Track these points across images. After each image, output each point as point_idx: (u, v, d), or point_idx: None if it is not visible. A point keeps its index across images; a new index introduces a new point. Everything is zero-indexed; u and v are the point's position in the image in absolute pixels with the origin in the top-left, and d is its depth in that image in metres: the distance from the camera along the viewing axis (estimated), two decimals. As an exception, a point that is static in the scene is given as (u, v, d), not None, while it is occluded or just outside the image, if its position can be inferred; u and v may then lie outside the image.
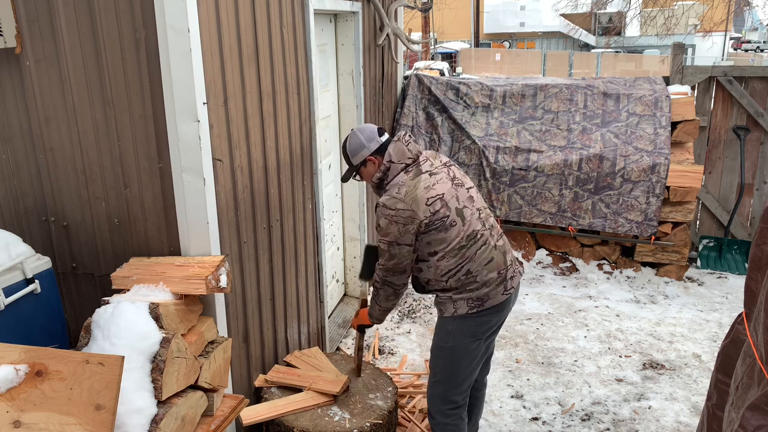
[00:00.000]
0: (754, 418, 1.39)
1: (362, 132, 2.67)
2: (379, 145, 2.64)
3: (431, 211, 2.47)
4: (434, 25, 23.24)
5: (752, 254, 1.58)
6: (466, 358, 2.65)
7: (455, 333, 2.61)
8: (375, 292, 2.74)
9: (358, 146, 2.65)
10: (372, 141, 2.64)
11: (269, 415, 2.82)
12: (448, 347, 2.63)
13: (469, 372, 2.68)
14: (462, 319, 2.58)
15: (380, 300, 2.74)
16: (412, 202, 2.47)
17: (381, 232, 2.53)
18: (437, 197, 2.50)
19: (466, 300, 2.55)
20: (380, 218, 2.52)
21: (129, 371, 1.93)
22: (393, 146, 2.61)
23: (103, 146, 2.42)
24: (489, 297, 2.56)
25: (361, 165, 2.67)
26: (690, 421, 3.48)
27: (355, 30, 4.31)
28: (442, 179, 2.57)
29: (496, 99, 5.69)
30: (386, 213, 2.49)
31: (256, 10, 2.76)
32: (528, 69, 20.97)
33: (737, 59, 25.16)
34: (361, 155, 2.65)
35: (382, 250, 2.57)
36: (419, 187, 2.50)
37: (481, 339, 2.64)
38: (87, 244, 2.56)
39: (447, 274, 2.54)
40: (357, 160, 2.67)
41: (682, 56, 5.60)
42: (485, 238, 2.58)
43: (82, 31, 2.30)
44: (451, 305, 2.58)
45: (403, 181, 2.54)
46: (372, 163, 2.65)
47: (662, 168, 5.08)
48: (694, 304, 5.01)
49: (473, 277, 2.53)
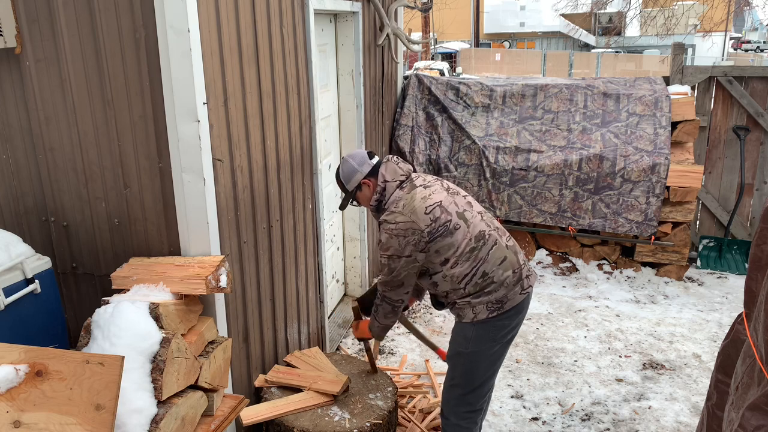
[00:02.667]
0: (754, 418, 1.39)
1: (353, 158, 2.70)
2: (371, 167, 2.67)
3: (431, 218, 2.49)
4: (434, 25, 23.24)
5: (752, 254, 1.58)
6: (486, 362, 2.63)
7: (475, 338, 2.58)
8: (375, 309, 2.78)
9: (351, 171, 2.68)
10: (364, 164, 2.67)
11: (269, 415, 2.82)
12: (468, 353, 2.61)
13: (489, 376, 2.68)
14: (482, 324, 2.56)
15: (379, 316, 2.77)
16: (411, 213, 2.49)
17: (382, 247, 2.55)
18: (435, 205, 2.52)
19: (486, 304, 2.53)
20: (381, 234, 2.55)
21: (129, 371, 1.93)
22: (384, 167, 2.65)
23: (103, 146, 2.42)
24: (508, 298, 2.55)
25: (357, 190, 2.70)
26: (690, 421, 3.48)
27: (355, 30, 4.31)
28: (437, 190, 2.60)
29: (496, 99, 5.69)
30: (387, 228, 2.52)
31: (256, 10, 2.76)
32: (528, 69, 20.98)
33: (737, 59, 25.18)
34: (355, 180, 2.67)
35: (383, 264, 2.58)
36: (416, 198, 2.53)
37: (501, 342, 2.62)
38: (87, 244, 2.56)
39: (463, 280, 2.53)
40: (352, 185, 2.69)
41: (682, 56, 5.60)
42: (494, 238, 2.58)
43: (82, 31, 2.30)
44: (470, 310, 2.55)
45: (399, 196, 2.57)
46: (367, 186, 2.68)
47: (662, 168, 5.08)
48: (694, 304, 5.01)
49: (490, 278, 2.52)
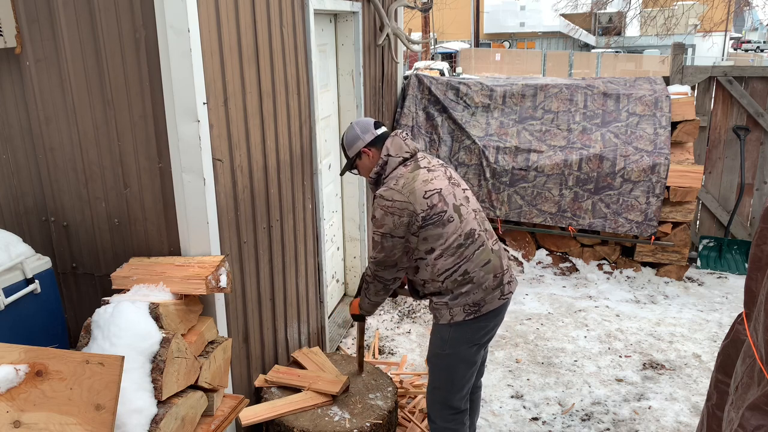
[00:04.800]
0: (753, 418, 1.39)
1: (358, 124, 2.69)
2: (374, 137, 2.63)
3: (428, 204, 2.46)
4: (434, 25, 23.23)
5: (752, 254, 1.58)
6: (464, 364, 2.62)
7: (452, 341, 2.57)
8: (366, 285, 2.74)
9: (353, 138, 2.67)
10: (367, 132, 2.64)
11: (268, 416, 2.82)
12: (445, 354, 2.60)
13: (467, 378, 2.67)
14: (458, 326, 2.54)
15: (370, 294, 2.73)
16: (409, 194, 2.46)
17: (376, 223, 2.51)
18: (435, 191, 2.48)
19: (463, 306, 2.51)
20: (376, 209, 2.51)
21: (129, 371, 1.93)
22: (391, 140, 2.60)
23: (103, 146, 2.42)
24: (485, 302, 2.52)
25: (357, 157, 2.67)
26: (690, 421, 3.48)
27: (355, 30, 4.31)
28: (439, 176, 2.56)
29: (496, 99, 5.69)
30: (383, 204, 2.48)
31: (256, 10, 2.76)
32: (528, 69, 20.98)
33: (737, 59, 25.17)
34: (356, 147, 2.66)
35: (375, 242, 2.54)
36: (417, 180, 2.49)
37: (478, 344, 2.61)
38: (87, 244, 2.56)
39: (444, 274, 2.50)
40: (353, 151, 2.68)
41: (682, 56, 5.60)
42: (482, 240, 2.56)
43: (82, 31, 2.30)
44: (447, 312, 2.53)
45: (401, 173, 2.53)
46: (367, 156, 2.65)
47: (662, 168, 5.08)
48: (694, 304, 5.01)
49: (470, 278, 2.49)
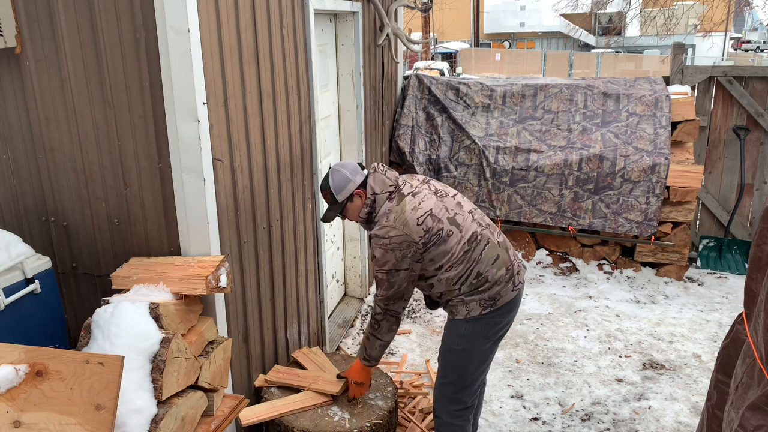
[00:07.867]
0: (753, 417, 1.39)
1: (345, 167, 2.60)
2: (364, 177, 2.60)
3: (424, 229, 2.47)
4: (434, 25, 23.24)
5: (752, 254, 1.58)
6: (477, 360, 2.64)
7: (467, 335, 2.59)
8: (376, 325, 2.66)
9: (343, 181, 2.56)
10: (357, 174, 2.58)
11: (268, 416, 2.82)
12: (460, 349, 2.62)
13: (479, 373, 2.68)
14: (475, 321, 2.57)
15: (382, 333, 2.67)
16: (403, 226, 2.46)
17: (378, 262, 2.51)
18: (426, 214, 2.49)
19: (479, 301, 2.54)
20: (375, 249, 2.50)
21: (129, 371, 1.93)
22: (372, 178, 2.58)
23: (103, 146, 2.42)
24: (500, 295, 2.56)
25: (348, 201, 2.60)
26: (690, 421, 3.48)
27: (355, 30, 4.31)
28: (425, 197, 2.55)
29: (496, 99, 5.69)
30: (381, 243, 2.48)
31: (256, 10, 2.76)
32: (528, 69, 20.99)
33: (737, 59, 25.18)
34: (347, 190, 2.57)
35: (381, 280, 2.53)
36: (406, 210, 2.49)
37: (492, 340, 2.64)
38: (87, 244, 2.56)
39: (458, 281, 2.53)
40: (344, 195, 2.57)
41: (682, 56, 5.60)
42: (487, 237, 2.58)
43: (82, 31, 2.30)
44: (464, 307, 2.56)
45: (389, 208, 2.51)
46: (359, 197, 2.59)
47: (662, 168, 5.08)
48: (694, 304, 5.00)
49: (484, 278, 2.53)
